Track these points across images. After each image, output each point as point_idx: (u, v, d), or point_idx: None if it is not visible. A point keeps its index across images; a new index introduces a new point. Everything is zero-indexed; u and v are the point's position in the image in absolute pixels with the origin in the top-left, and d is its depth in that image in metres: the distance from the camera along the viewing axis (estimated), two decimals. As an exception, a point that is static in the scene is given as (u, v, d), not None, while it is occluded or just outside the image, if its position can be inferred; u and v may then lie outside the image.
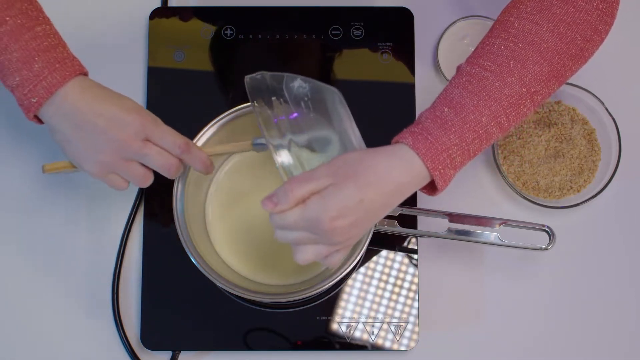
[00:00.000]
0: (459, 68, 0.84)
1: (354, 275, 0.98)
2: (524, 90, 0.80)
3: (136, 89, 1.03)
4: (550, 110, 1.02)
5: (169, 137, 0.84)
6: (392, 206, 0.78)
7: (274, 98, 0.84)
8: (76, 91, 0.81)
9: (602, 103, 1.00)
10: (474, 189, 1.02)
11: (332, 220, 0.74)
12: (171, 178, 0.86)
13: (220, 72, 1.04)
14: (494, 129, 0.80)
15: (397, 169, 0.77)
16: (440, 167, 0.78)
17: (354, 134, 0.85)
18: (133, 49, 1.05)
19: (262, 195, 0.96)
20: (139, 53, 1.05)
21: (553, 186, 1.00)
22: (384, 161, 0.77)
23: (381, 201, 0.77)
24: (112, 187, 0.85)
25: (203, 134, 0.92)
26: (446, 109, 0.80)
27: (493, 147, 1.00)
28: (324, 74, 1.04)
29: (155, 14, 1.05)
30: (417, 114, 1.02)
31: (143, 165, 0.84)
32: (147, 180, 0.85)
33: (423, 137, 0.78)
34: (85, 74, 0.84)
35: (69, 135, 0.82)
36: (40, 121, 0.84)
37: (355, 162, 0.76)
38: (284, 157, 0.82)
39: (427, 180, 0.80)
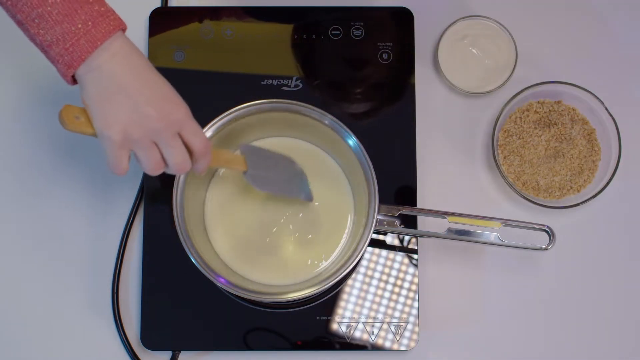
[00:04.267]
0: None
1: (354, 275, 0.98)
2: None
3: (136, 89, 1.03)
4: (550, 110, 1.02)
5: (198, 136, 0.83)
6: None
7: None
8: (121, 56, 0.79)
9: (602, 103, 1.00)
10: (474, 189, 1.02)
11: None
12: (177, 174, 0.85)
13: (220, 72, 1.04)
14: None
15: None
16: None
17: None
18: (133, 49, 1.05)
19: (262, 195, 0.97)
20: (139, 53, 1.05)
21: (553, 186, 1.00)
22: None
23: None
24: (111, 164, 0.81)
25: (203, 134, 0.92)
26: None
27: (493, 147, 1.00)
28: (324, 74, 1.04)
29: (155, 14, 1.05)
30: (418, 114, 1.02)
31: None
32: (159, 170, 0.82)
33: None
34: (124, 30, 0.82)
35: (104, 96, 0.79)
36: (74, 82, 0.80)
37: None
38: None
39: None
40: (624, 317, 0.99)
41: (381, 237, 0.99)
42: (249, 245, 0.97)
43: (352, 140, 0.92)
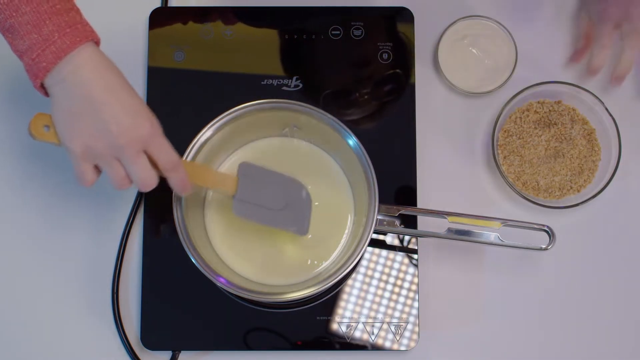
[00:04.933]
0: None
1: (354, 275, 0.98)
2: None
3: (136, 89, 1.01)
4: (550, 110, 1.02)
5: (166, 152, 0.82)
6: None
7: None
8: (89, 67, 0.78)
9: (602, 103, 1.00)
10: (474, 189, 1.02)
11: None
12: (143, 191, 0.83)
13: (220, 72, 1.04)
14: None
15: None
16: None
17: None
18: (133, 49, 1.05)
19: (262, 195, 0.97)
20: (139, 53, 1.05)
21: (553, 186, 1.00)
22: None
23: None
24: (77, 177, 0.81)
25: (203, 133, 0.92)
26: None
27: (493, 147, 1.00)
28: (324, 74, 1.04)
29: (155, 14, 1.05)
30: (418, 114, 1.02)
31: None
32: (125, 185, 0.82)
33: None
34: (97, 42, 0.81)
35: (69, 107, 0.79)
36: (47, 93, 0.81)
37: None
38: None
39: None
40: (624, 317, 0.99)
41: (381, 237, 0.99)
42: (249, 245, 0.97)
43: (352, 140, 0.92)
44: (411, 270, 0.98)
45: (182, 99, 1.03)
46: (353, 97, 1.03)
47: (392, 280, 0.98)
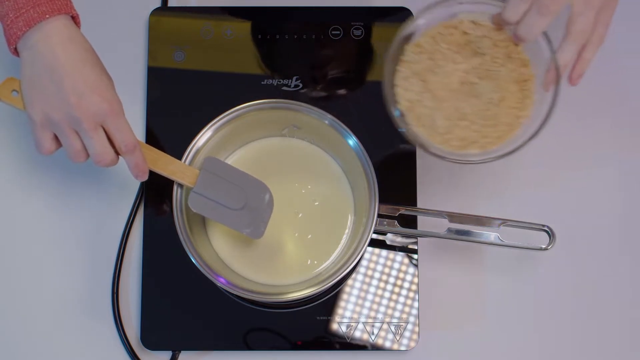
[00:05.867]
0: None
1: (354, 275, 0.98)
2: None
3: (136, 89, 1.03)
4: (484, 35, 0.79)
5: (123, 133, 0.84)
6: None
7: None
8: (58, 39, 0.81)
9: (552, 49, 0.78)
10: (474, 188, 1.02)
11: None
12: (99, 166, 0.85)
13: (220, 72, 1.04)
14: None
15: None
16: None
17: None
18: (133, 49, 1.05)
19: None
20: (139, 53, 1.05)
21: (454, 132, 0.79)
22: None
23: None
24: (36, 144, 0.84)
25: (203, 133, 0.92)
26: None
27: (389, 59, 0.81)
28: (324, 74, 1.04)
29: (155, 14, 1.05)
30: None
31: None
32: (80, 159, 0.84)
33: None
34: (75, 17, 0.84)
35: (33, 74, 0.81)
36: None
37: None
38: None
39: None
40: (624, 318, 0.99)
41: (381, 237, 0.99)
42: (249, 245, 0.97)
43: (352, 140, 0.92)
44: (411, 270, 0.98)
45: (182, 99, 1.03)
46: (353, 97, 1.03)
47: (392, 280, 0.98)
